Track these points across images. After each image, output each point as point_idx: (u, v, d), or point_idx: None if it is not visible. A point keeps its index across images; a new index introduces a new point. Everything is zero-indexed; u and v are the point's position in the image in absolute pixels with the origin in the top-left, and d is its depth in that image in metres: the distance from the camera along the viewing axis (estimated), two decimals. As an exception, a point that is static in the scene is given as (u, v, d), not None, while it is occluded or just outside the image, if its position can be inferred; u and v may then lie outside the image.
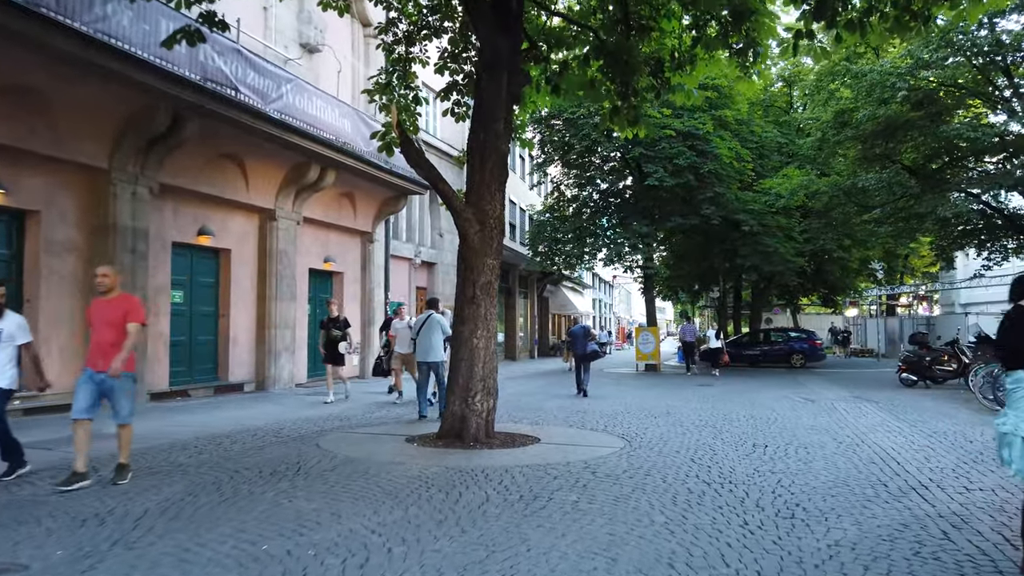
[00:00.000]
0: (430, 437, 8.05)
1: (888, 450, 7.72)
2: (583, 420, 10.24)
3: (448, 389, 7.99)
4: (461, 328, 7.90)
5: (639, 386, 17.08)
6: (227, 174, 13.58)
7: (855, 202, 18.68)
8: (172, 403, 12.13)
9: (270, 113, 12.63)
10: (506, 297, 30.96)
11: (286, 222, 15.16)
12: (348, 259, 18.06)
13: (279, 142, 13.44)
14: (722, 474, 6.38)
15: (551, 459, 7.00)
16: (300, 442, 7.91)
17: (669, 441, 8.26)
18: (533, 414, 11.00)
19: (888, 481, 6.13)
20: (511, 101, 8.15)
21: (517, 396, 14.16)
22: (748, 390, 15.68)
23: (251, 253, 14.68)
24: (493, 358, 8.03)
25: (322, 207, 16.44)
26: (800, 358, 26.22)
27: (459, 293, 7.99)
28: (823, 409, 11.78)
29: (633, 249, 22.21)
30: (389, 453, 7.21)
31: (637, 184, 22.64)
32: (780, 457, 7.26)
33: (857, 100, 16.67)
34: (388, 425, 9.53)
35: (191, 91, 11.00)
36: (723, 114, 21.62)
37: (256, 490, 5.57)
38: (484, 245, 7.84)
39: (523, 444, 7.88)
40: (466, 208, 7.81)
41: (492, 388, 7.99)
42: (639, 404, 12.61)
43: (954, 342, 16.27)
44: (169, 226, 12.72)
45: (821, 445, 8.05)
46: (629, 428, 9.37)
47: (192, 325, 13.49)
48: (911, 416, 10.75)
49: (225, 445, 7.76)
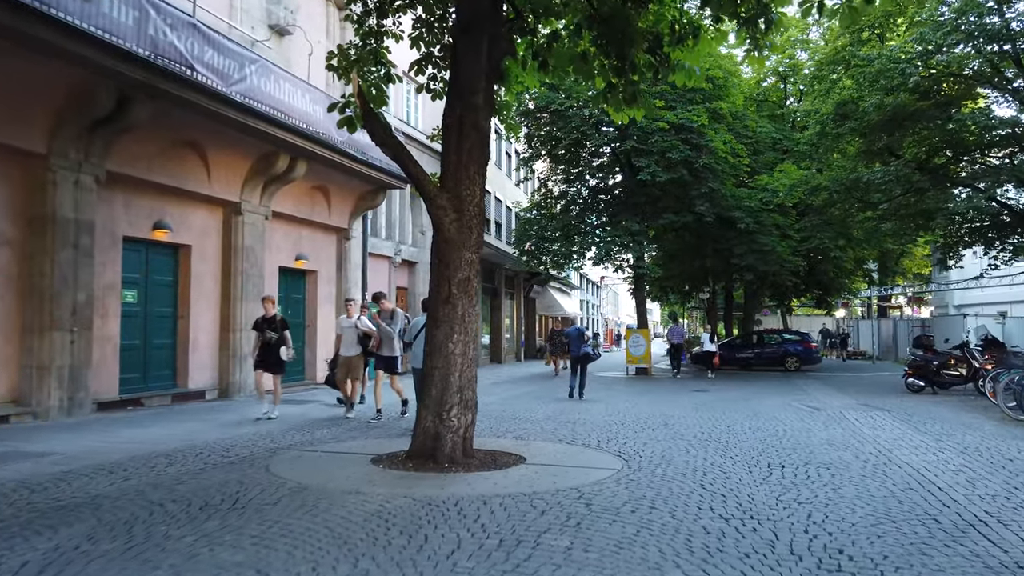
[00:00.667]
0: (399, 457, 7.01)
1: (922, 471, 6.76)
2: (573, 433, 9.23)
3: (420, 402, 6.95)
4: (435, 332, 6.87)
5: (631, 392, 16.10)
6: (186, 163, 12.48)
7: (857, 198, 17.79)
8: (121, 414, 11.01)
9: (231, 96, 11.54)
10: (491, 298, 29.95)
11: (253, 216, 14.06)
12: (322, 257, 16.97)
13: (243, 129, 12.37)
14: (740, 506, 5.38)
15: (538, 485, 5.98)
16: (248, 464, 6.84)
17: (672, 460, 7.26)
18: (518, 426, 9.97)
19: (938, 515, 5.16)
20: (492, 72, 7.13)
21: (502, 403, 13.14)
22: (747, 397, 14.73)
23: (214, 249, 13.57)
24: (472, 366, 7.00)
25: (293, 201, 15.35)
26: (795, 361, 25.37)
27: (433, 292, 6.97)
28: (833, 419, 10.84)
29: (623, 248, 21.24)
30: (349, 479, 6.16)
31: (628, 180, 21.70)
32: (803, 481, 6.28)
33: (861, 89, 15.78)
34: (358, 440, 8.47)
35: (139, 68, 9.91)
36: (718, 106, 20.72)
37: (175, 533, 4.51)
38: (461, 236, 6.82)
39: (506, 465, 6.86)
40: (440, 194, 6.78)
41: (470, 401, 6.96)
42: (633, 413, 11.63)
43: (964, 345, 15.40)
44: (120, 219, 11.60)
45: (844, 465, 7.08)
46: (625, 443, 8.37)
47: (147, 327, 12.36)
48: (932, 428, 9.82)
49: (160, 468, 6.68)
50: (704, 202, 20.35)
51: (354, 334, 10.69)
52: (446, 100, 7.22)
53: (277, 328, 10.45)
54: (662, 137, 19.36)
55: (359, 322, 10.74)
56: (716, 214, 20.59)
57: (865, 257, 30.59)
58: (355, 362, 10.80)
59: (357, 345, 10.71)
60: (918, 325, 32.69)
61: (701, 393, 15.64)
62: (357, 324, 10.72)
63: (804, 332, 28.76)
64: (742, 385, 18.07)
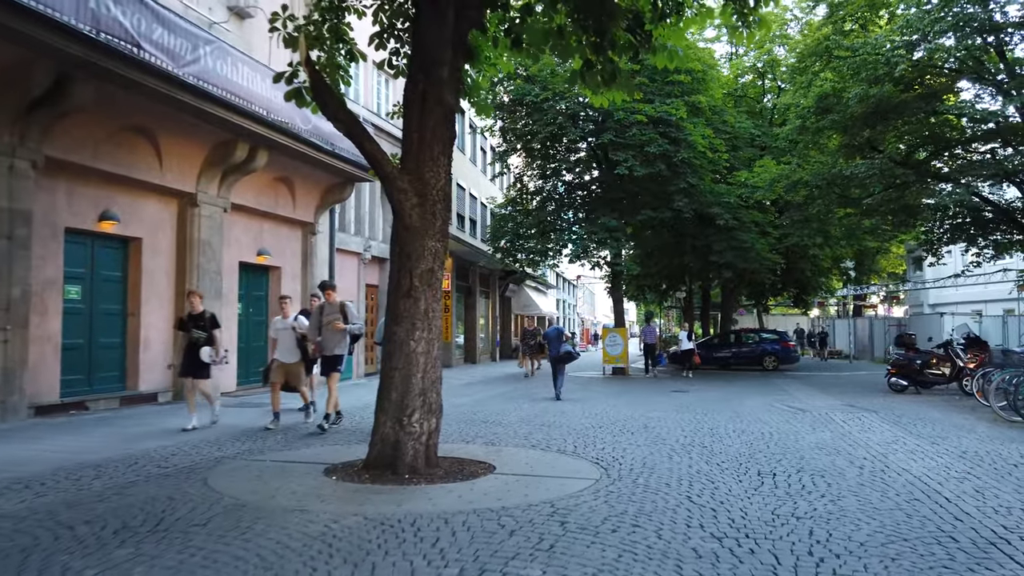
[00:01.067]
0: (355, 467, 6.35)
1: (923, 479, 6.24)
2: (548, 437, 8.62)
3: (378, 406, 6.29)
4: (395, 328, 6.22)
5: (608, 393, 15.55)
6: (136, 150, 11.67)
7: (837, 193, 17.39)
8: (62, 418, 10.21)
9: (183, 78, 10.77)
10: (466, 297, 29.29)
11: (210, 208, 13.27)
12: (287, 253, 16.19)
13: (197, 114, 11.58)
14: (733, 522, 4.80)
15: (507, 499, 5.36)
16: (185, 476, 6.14)
17: (655, 468, 6.68)
18: (490, 429, 9.34)
19: (952, 531, 4.62)
20: (459, 44, 6.49)
21: (473, 405, 12.50)
22: (727, 397, 14.24)
23: (168, 243, 12.77)
24: (436, 366, 6.36)
25: (254, 193, 14.57)
26: (773, 360, 25.07)
27: (392, 285, 6.31)
28: (819, 421, 10.35)
29: (600, 244, 20.68)
30: (295, 493, 5.49)
31: (605, 175, 21.16)
32: (798, 492, 5.72)
33: (844, 80, 15.36)
34: (314, 447, 7.79)
35: (78, 44, 9.11)
36: (697, 99, 20.24)
37: (75, 564, 3.82)
38: (424, 223, 6.17)
39: (473, 475, 6.22)
40: (401, 175, 6.13)
41: (435, 404, 6.32)
42: (611, 415, 11.05)
43: (947, 344, 15.06)
44: (62, 209, 10.78)
45: (839, 472, 6.55)
46: (603, 449, 7.77)
47: (92, 326, 11.54)
48: (924, 430, 9.36)
49: (85, 481, 5.96)
50: (683, 198, 19.87)
51: (292, 337, 9.52)
52: (408, 73, 6.57)
53: (205, 326, 9.18)
54: (640, 130, 18.83)
55: (297, 323, 9.59)
56: (695, 210, 20.12)
57: (842, 256, 30.39)
58: (294, 369, 9.54)
59: (296, 350, 9.52)
60: (894, 324, 32.60)
61: (681, 394, 15.13)
62: (295, 326, 9.55)
63: (782, 331, 28.47)
64: (721, 385, 17.61)
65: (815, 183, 16.96)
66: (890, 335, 32.00)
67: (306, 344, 9.48)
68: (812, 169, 17.57)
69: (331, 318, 9.20)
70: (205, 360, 9.13)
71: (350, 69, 8.78)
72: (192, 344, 9.15)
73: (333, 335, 9.17)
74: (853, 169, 15.69)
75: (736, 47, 30.94)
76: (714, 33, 30.28)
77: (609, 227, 19.71)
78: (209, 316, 9.38)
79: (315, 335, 9.29)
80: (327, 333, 9.18)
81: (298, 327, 9.57)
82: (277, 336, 9.67)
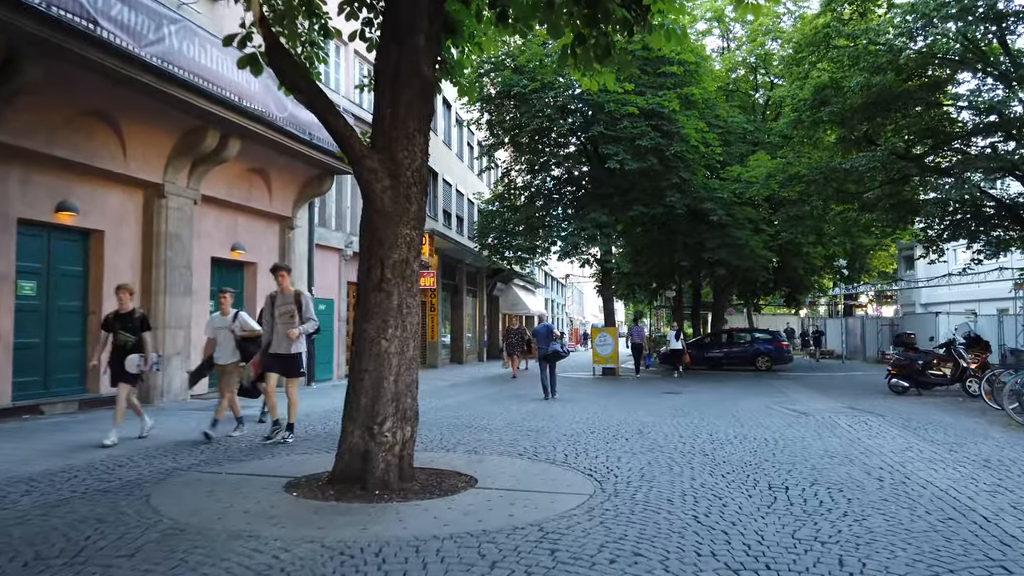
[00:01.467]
0: (321, 481, 5.67)
1: (951, 493, 5.64)
2: (536, 444, 7.97)
3: (345, 413, 5.61)
4: (364, 326, 5.54)
5: (599, 394, 14.92)
6: (96, 136, 10.92)
7: (835, 187, 16.85)
8: (14, 423, 9.46)
9: (144, 58, 10.03)
10: (452, 295, 28.61)
11: (179, 200, 12.53)
12: (263, 248, 15.45)
13: (163, 98, 10.87)
14: (749, 548, 4.16)
15: (490, 520, 4.70)
16: (127, 492, 5.44)
17: (654, 481, 6.04)
18: (474, 435, 8.68)
19: (1003, 560, 4.00)
20: (437, 10, 5.82)
21: (458, 408, 11.84)
22: (723, 399, 13.65)
23: (133, 236, 12.02)
24: (412, 368, 5.69)
25: (227, 184, 13.83)
26: (766, 360, 24.57)
27: (362, 277, 5.64)
28: (823, 425, 9.76)
29: (590, 241, 20.04)
30: (247, 514, 4.81)
31: (595, 169, 20.53)
32: (815, 509, 5.10)
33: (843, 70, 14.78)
34: (279, 458, 7.10)
35: (27, 18, 8.37)
36: (690, 92, 19.65)
37: (-40, 612, 3.14)
38: (398, 208, 5.51)
39: (452, 490, 5.56)
40: (371, 155, 5.46)
41: (410, 411, 5.65)
42: (603, 418, 10.42)
43: (950, 344, 14.53)
44: (14, 198, 10.01)
45: (858, 485, 5.93)
46: (596, 458, 7.13)
47: (49, 324, 10.78)
48: (937, 436, 8.78)
49: (13, 498, 5.25)
50: (675, 193, 19.29)
51: (231, 337, 8.39)
52: (380, 42, 5.90)
53: (135, 327, 7.92)
54: (631, 123, 18.21)
55: (237, 323, 8.41)
56: (687, 206, 19.53)
57: (835, 254, 29.94)
58: (229, 371, 8.41)
59: (235, 351, 8.39)
60: (887, 324, 32.20)
61: (674, 395, 14.53)
62: (233, 328, 8.38)
63: (775, 331, 27.98)
64: (715, 386, 17.03)
65: (812, 177, 16.40)
66: (883, 335, 31.60)
67: (251, 347, 8.33)
68: (809, 162, 17.00)
69: (285, 311, 7.87)
70: (131, 370, 7.85)
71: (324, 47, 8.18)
72: (120, 347, 7.88)
73: (288, 330, 7.82)
74: (853, 162, 15.14)
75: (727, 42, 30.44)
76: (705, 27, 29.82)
77: (599, 223, 19.09)
78: (139, 316, 8.10)
79: (268, 335, 7.95)
80: (279, 329, 7.87)
81: (237, 329, 8.40)
82: (215, 335, 8.48)
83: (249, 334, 8.42)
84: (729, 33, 29.77)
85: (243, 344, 8.42)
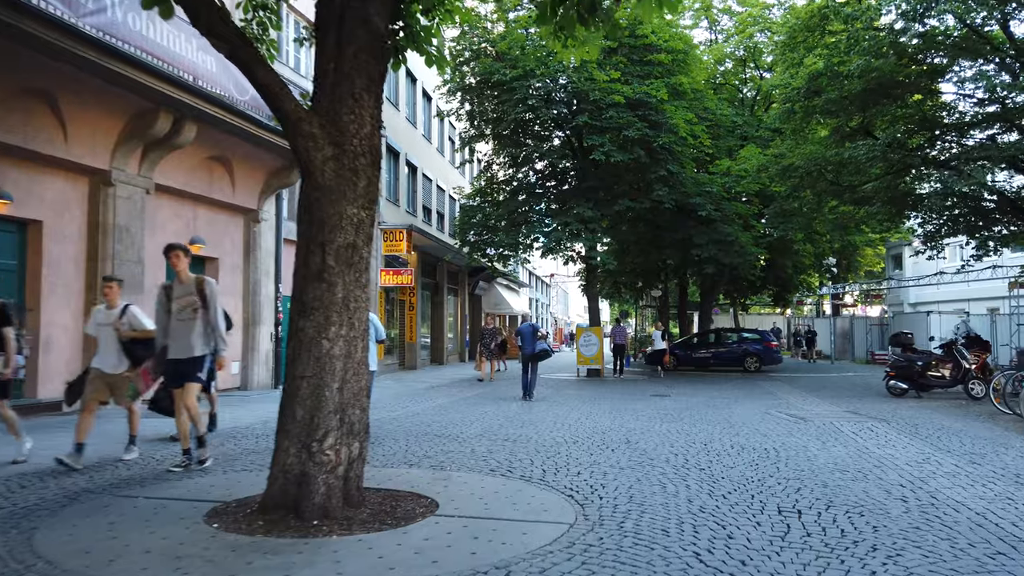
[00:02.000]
0: (251, 508, 4.78)
1: (990, 517, 4.84)
2: (512, 457, 7.10)
3: (279, 427, 4.72)
4: (302, 323, 4.66)
5: (583, 397, 14.08)
6: (32, 118, 9.93)
7: (830, 180, 16.10)
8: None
9: (81, 28, 9.08)
10: (433, 294, 27.71)
11: (129, 189, 11.56)
12: (225, 242, 14.48)
13: (107, 76, 9.93)
14: (767, 600, 3.33)
15: (447, 561, 3.83)
16: (14, 523, 4.53)
17: (646, 504, 5.19)
18: (443, 446, 7.80)
19: (1085, 614, 3.20)
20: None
21: (431, 414, 10.95)
22: (714, 403, 12.85)
23: (76, 228, 11.04)
24: (361, 374, 4.82)
25: (185, 173, 12.86)
26: (755, 361, 23.84)
27: (299, 265, 4.76)
28: (826, 433, 8.97)
29: (574, 237, 19.18)
30: (148, 554, 3.91)
31: (580, 162, 19.69)
32: (838, 541, 4.27)
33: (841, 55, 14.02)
34: (211, 476, 6.18)
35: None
36: (679, 81, 18.86)
37: None
38: (342, 182, 4.63)
39: (407, 518, 4.69)
40: (309, 117, 4.58)
41: (358, 424, 4.77)
42: (587, 426, 9.57)
43: (951, 344, 13.84)
44: (-64, 184, 9.04)
45: (880, 508, 5.12)
46: (579, 474, 6.28)
47: (-22, 323, 9.77)
48: (952, 445, 8.01)
49: None
50: (662, 187, 18.50)
51: (115, 337, 6.63)
52: (323, -12, 5.00)
53: None
54: (617, 112, 17.39)
55: (127, 317, 6.67)
56: (675, 201, 18.74)
57: (826, 252, 29.32)
58: (118, 383, 6.68)
59: (122, 355, 6.62)
60: (876, 324, 31.65)
61: (662, 399, 13.71)
62: (118, 325, 6.61)
63: (764, 330, 27.29)
64: (704, 388, 16.25)
65: (808, 168, 15.65)
66: (872, 335, 31.05)
67: (143, 350, 6.61)
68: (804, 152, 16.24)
69: (185, 303, 6.19)
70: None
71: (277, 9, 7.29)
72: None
73: (186, 329, 6.18)
74: (852, 152, 14.39)
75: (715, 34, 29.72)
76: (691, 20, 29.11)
77: (584, 217, 18.26)
78: (10, 305, 6.59)
79: (162, 337, 6.23)
80: (177, 327, 6.18)
81: (125, 326, 6.64)
82: (97, 333, 6.69)
83: (140, 335, 6.65)
84: (717, 25, 29.06)
85: (130, 347, 6.64)
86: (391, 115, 22.23)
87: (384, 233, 20.65)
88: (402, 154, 23.51)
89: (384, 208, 21.04)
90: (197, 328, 6.21)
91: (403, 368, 23.74)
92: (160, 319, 6.27)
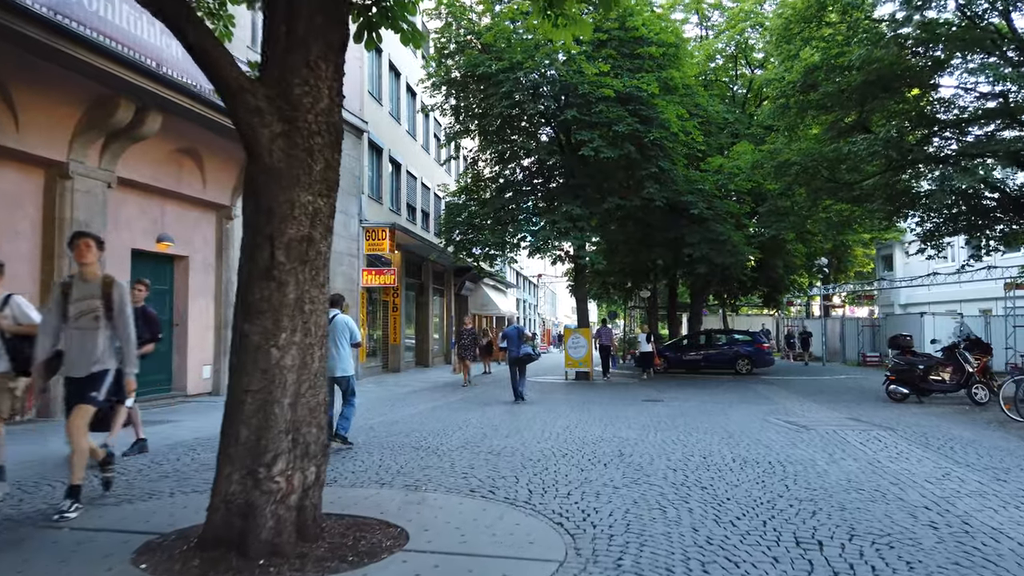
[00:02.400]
0: (187, 545, 4.11)
1: (1036, 548, 4.27)
2: (495, 473, 6.47)
3: (220, 450, 4.06)
4: (247, 328, 4.01)
5: (572, 402, 13.46)
6: (-21, 104, 9.23)
7: (826, 177, 15.58)
8: None
9: (30, 7, 8.37)
10: (417, 295, 27.03)
11: (88, 182, 10.83)
12: (196, 240, 13.77)
13: (58, 59, 9.23)
14: (802, 670, 2.71)
15: (412, 614, 3.20)
16: (-96, 565, 3.85)
17: (646, 534, 4.57)
18: (419, 460, 7.16)
19: None
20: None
21: (410, 421, 10.30)
22: (708, 408, 12.27)
23: (29, 224, 10.30)
24: (318, 388, 4.17)
25: (151, 166, 12.15)
26: (747, 363, 23.35)
27: (244, 260, 4.10)
28: (832, 443, 8.39)
29: (562, 235, 18.56)
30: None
31: (568, 158, 19.08)
32: (872, 583, 3.68)
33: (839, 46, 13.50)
34: (153, 501, 5.51)
35: None
36: (670, 75, 18.30)
37: None
38: (294, 165, 3.99)
39: (371, 554, 4.04)
40: (255, 88, 3.93)
41: (314, 445, 4.12)
42: (577, 436, 8.95)
43: (953, 347, 13.34)
44: None
45: (909, 536, 4.53)
46: (570, 495, 5.65)
47: (-82, 326, 9.03)
48: (968, 458, 7.45)
49: None
50: (653, 184, 17.93)
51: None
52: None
53: None
54: (607, 107, 16.79)
55: (10, 308, 5.45)
56: (666, 199, 18.17)
57: (818, 252, 28.87)
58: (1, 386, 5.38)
59: (4, 357, 5.36)
60: (868, 325, 31.26)
61: (654, 404, 13.12)
62: (4, 315, 5.39)
63: (756, 332, 26.81)
64: (696, 392, 15.67)
65: (804, 165, 15.11)
66: (863, 337, 30.64)
67: (27, 348, 5.27)
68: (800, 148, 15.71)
69: (86, 308, 4.95)
70: None
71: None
72: None
73: (84, 339, 4.96)
74: (852, 146, 13.86)
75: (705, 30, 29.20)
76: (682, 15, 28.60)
77: (573, 216, 17.65)
78: None
79: (48, 343, 4.95)
80: (74, 335, 4.96)
81: (9, 320, 5.41)
82: None
83: (27, 330, 5.40)
84: (707, 21, 28.55)
85: (16, 345, 5.40)
86: (374, 110, 21.54)
87: (366, 232, 19.97)
88: (385, 150, 22.82)
89: (367, 206, 20.35)
90: (99, 339, 4.96)
91: (386, 370, 23.06)
92: (47, 321, 5.00)
